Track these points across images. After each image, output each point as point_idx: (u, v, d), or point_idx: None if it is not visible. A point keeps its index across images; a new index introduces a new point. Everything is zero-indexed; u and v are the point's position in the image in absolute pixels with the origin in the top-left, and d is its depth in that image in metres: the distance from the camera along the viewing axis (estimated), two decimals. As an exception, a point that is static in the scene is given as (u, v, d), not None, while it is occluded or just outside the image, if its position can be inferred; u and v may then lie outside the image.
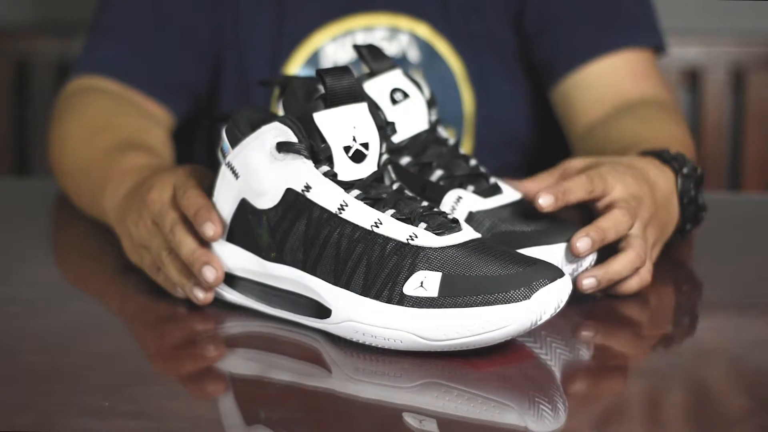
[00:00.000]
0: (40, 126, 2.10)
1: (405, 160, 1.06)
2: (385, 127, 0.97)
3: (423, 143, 1.07)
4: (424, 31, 1.52)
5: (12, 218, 1.37)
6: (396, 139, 1.06)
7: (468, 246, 0.90)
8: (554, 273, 0.89)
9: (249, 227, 0.96)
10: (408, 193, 0.94)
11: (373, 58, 1.09)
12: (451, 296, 0.88)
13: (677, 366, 0.93)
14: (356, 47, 1.09)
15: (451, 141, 1.09)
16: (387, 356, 0.89)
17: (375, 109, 0.96)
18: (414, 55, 1.52)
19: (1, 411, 0.81)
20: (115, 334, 0.99)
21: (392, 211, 0.91)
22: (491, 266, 0.88)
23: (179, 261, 1.01)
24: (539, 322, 0.88)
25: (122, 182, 1.15)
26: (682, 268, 1.10)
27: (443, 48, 1.52)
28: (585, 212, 1.06)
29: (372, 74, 1.08)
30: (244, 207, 0.96)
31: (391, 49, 1.52)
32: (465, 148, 1.53)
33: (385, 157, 0.95)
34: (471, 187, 1.05)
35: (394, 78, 1.08)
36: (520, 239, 1.01)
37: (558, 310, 0.89)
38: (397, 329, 0.89)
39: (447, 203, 1.03)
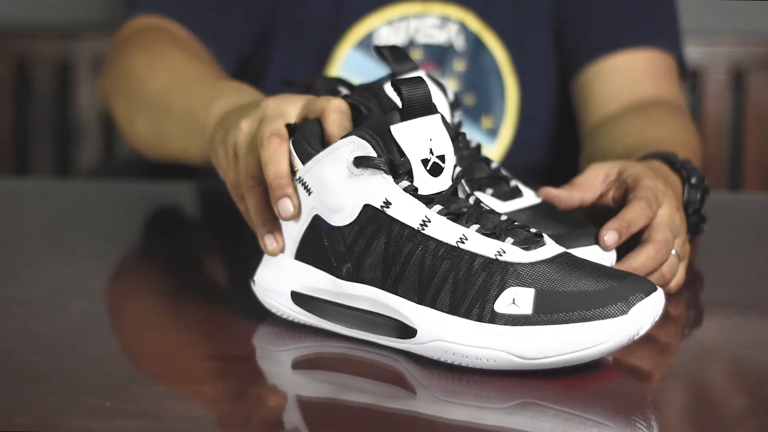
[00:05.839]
0: (40, 126, 2.10)
1: None
2: (457, 139, 0.93)
3: None
4: (472, 21, 1.54)
5: (12, 218, 1.37)
6: None
7: (557, 261, 0.87)
8: (648, 287, 0.86)
9: (322, 245, 0.92)
10: (485, 206, 0.91)
11: (395, 59, 1.06)
12: (546, 313, 0.85)
13: (677, 366, 0.93)
14: (377, 48, 1.07)
15: (473, 143, 1.07)
16: (477, 376, 0.86)
17: (446, 121, 0.93)
18: (460, 44, 1.55)
19: (1, 411, 0.81)
20: (115, 334, 0.99)
21: (476, 226, 0.88)
22: (585, 281, 0.86)
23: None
24: (636, 338, 0.85)
25: (233, 94, 1.12)
26: (682, 268, 1.10)
27: (489, 38, 1.54)
28: (592, 215, 1.06)
29: (394, 75, 1.06)
30: (316, 224, 0.93)
31: (440, 37, 1.54)
32: (503, 139, 1.55)
33: (458, 169, 0.92)
34: (490, 190, 1.04)
35: None
36: None
37: (653, 324, 0.86)
38: (490, 348, 0.85)
39: None
